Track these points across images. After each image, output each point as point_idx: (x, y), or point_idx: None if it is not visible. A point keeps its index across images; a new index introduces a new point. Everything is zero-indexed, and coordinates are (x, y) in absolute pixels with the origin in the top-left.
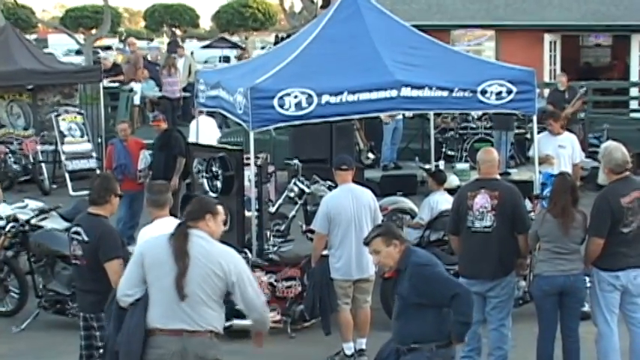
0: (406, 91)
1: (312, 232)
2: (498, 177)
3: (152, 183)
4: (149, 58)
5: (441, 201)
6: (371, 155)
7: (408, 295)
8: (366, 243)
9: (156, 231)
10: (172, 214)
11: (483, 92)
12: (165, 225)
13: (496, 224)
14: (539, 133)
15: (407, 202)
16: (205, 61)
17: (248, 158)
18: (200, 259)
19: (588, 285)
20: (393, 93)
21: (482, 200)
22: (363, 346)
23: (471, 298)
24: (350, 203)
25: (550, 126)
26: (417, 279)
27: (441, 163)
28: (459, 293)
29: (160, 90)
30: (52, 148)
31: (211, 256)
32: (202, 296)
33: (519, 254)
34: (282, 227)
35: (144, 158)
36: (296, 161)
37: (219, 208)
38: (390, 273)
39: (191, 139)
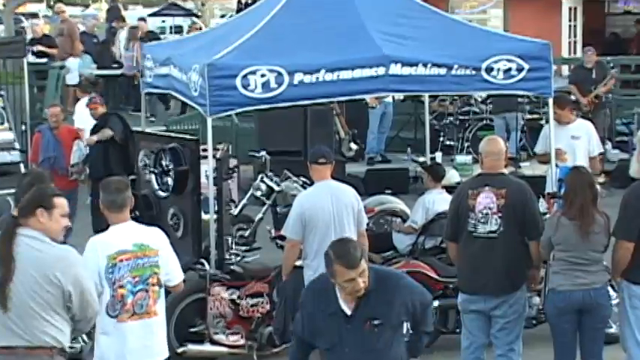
0: (396, 69)
1: (283, 238)
2: (505, 172)
3: (108, 180)
4: (84, 29)
5: (438, 201)
6: (354, 146)
7: (388, 315)
8: (354, 265)
9: (112, 239)
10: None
11: (489, 70)
12: (124, 232)
13: (503, 228)
14: (540, 125)
15: (397, 203)
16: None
17: (205, 150)
18: (28, 263)
19: (614, 301)
20: (381, 71)
21: (486, 200)
22: None
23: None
24: (328, 204)
25: (555, 114)
26: (397, 293)
27: (438, 156)
28: (429, 299)
29: (98, 67)
30: None
31: (43, 260)
32: (35, 307)
33: (531, 265)
34: (247, 233)
35: (78, 150)
36: (263, 153)
37: (57, 200)
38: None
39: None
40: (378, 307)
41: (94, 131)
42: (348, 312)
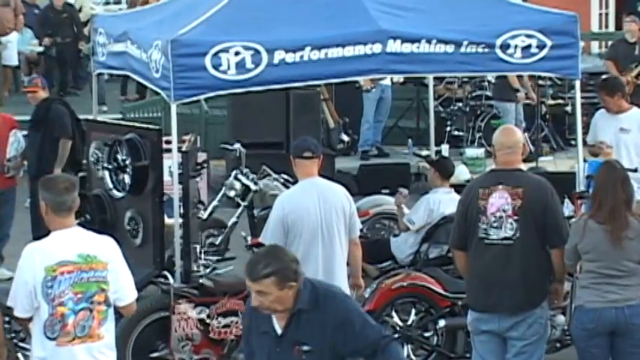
0: (395, 46)
1: (262, 246)
2: (523, 167)
3: (54, 178)
4: None
5: (445, 201)
6: (345, 137)
7: (320, 342)
8: (254, 279)
9: (53, 248)
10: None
11: (504, 47)
12: (68, 239)
13: (519, 234)
14: (596, 108)
15: (393, 204)
16: (106, 1)
17: (169, 142)
18: None
19: None
20: (377, 48)
21: (500, 200)
22: None
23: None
24: (315, 206)
25: (604, 102)
26: (335, 319)
27: (445, 148)
28: (389, 337)
29: (41, 43)
30: None
31: None
32: None
33: (554, 277)
34: (219, 240)
35: (15, 142)
36: (238, 146)
37: None
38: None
39: None
40: (308, 331)
41: (32, 123)
42: (279, 331)
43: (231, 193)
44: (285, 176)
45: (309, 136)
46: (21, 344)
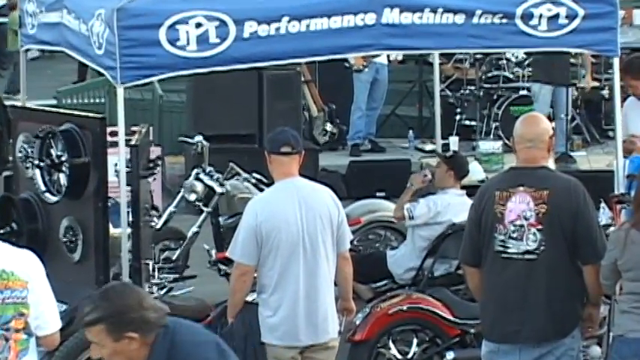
0: (392, 16)
1: (229, 262)
2: (550, 165)
3: None
4: None
5: (455, 205)
6: (331, 128)
7: None
8: (83, 325)
9: None
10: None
11: (526, 17)
12: None
13: (545, 247)
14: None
15: (391, 209)
16: None
17: (114, 134)
18: None
19: None
20: (370, 19)
21: (520, 205)
22: None
23: None
24: (295, 212)
25: (630, 87)
26: None
27: (453, 141)
28: None
29: None
30: None
31: None
32: None
33: (587, 300)
34: (176, 254)
35: None
36: (200, 139)
37: None
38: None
39: None
40: None
41: None
42: None
43: (192, 197)
44: (258, 176)
45: (287, 127)
46: None
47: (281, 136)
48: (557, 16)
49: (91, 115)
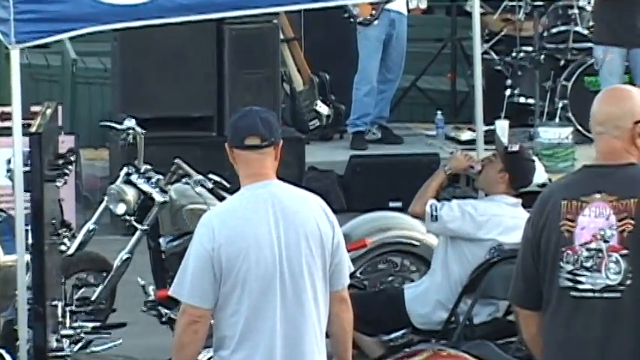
0: None
1: (175, 304)
2: (636, 161)
3: None
4: None
5: (505, 220)
6: (323, 108)
7: None
8: None
9: None
10: None
11: None
12: None
13: (633, 280)
14: None
15: (410, 227)
16: None
17: (7, 116)
18: None
19: None
20: None
21: (597, 221)
22: None
23: None
24: (269, 230)
25: None
26: None
27: (501, 127)
28: None
29: None
30: None
31: None
32: None
33: None
34: (97, 292)
35: None
36: (130, 125)
37: None
38: None
39: None
40: None
41: None
42: None
43: (120, 209)
44: (217, 178)
45: (257, 108)
46: None
47: (247, 122)
48: None
49: None
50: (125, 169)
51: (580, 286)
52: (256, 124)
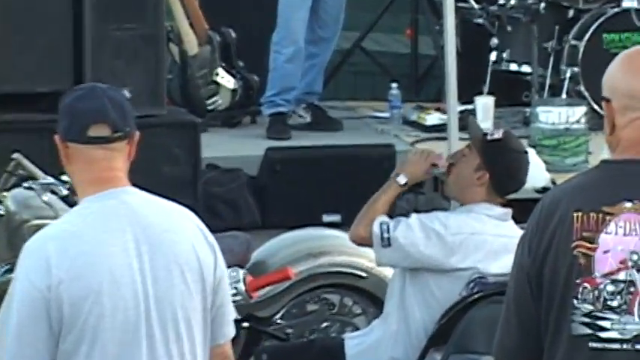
0: None
1: None
2: None
3: None
4: None
5: (486, 237)
6: (227, 80)
7: None
8: None
9: None
10: None
11: None
12: None
13: None
14: None
15: (354, 249)
16: None
17: None
18: None
19: None
20: None
21: (627, 241)
22: None
23: None
24: (129, 257)
25: None
26: None
27: (483, 106)
28: None
29: None
30: None
31: None
32: None
33: None
34: None
35: None
36: None
37: None
38: None
39: None
40: None
41: None
42: None
43: None
44: (64, 177)
45: (103, 85)
46: None
47: (90, 104)
48: None
49: None
50: None
51: (602, 334)
52: (104, 108)
